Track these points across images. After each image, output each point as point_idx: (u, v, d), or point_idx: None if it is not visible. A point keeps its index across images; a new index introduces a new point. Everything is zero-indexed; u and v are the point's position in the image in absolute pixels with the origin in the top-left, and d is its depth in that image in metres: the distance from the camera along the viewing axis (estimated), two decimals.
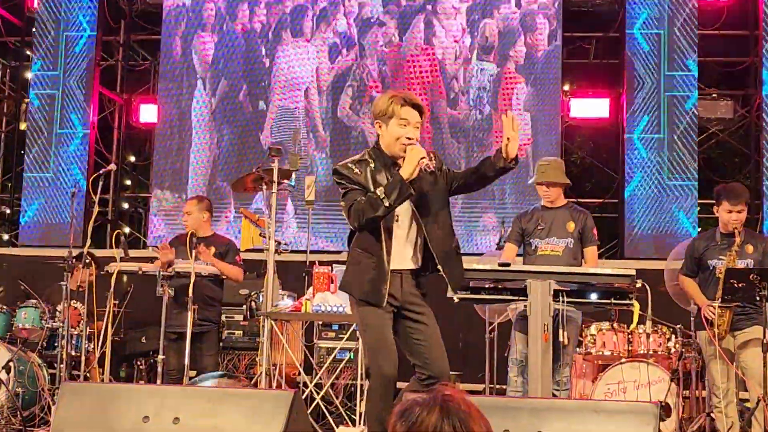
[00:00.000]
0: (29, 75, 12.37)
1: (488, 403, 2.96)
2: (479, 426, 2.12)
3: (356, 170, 4.68)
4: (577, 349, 7.20)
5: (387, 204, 4.51)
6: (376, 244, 4.65)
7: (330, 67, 11.72)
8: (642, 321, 7.26)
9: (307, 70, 11.74)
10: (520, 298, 5.48)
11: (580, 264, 6.44)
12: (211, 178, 11.78)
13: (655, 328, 7.43)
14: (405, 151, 4.63)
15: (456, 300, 4.92)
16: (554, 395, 5.93)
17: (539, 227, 6.50)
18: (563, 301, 5.34)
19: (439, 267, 4.72)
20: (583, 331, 7.30)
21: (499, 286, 5.59)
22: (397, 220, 4.67)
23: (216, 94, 11.96)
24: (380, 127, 4.72)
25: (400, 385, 8.69)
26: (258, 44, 11.95)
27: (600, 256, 7.14)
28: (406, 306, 4.73)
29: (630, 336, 7.38)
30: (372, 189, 4.60)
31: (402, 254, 4.71)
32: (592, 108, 11.75)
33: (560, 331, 5.44)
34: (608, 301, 5.50)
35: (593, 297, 5.51)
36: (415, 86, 11.38)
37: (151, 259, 7.39)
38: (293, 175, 7.16)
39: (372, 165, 4.69)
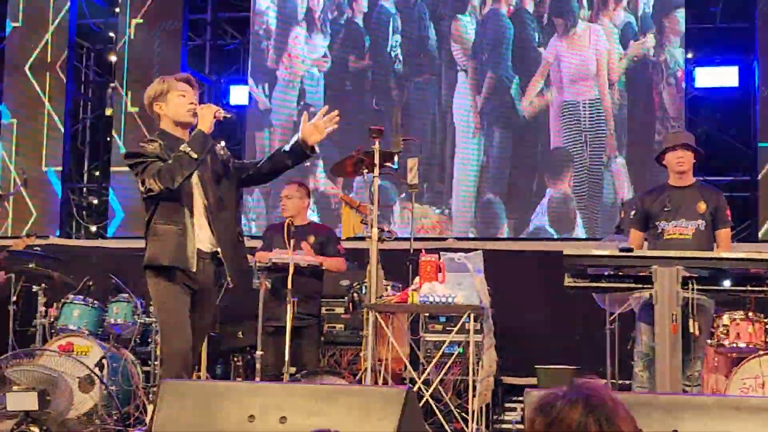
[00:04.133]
0: (114, 58, 12.64)
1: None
2: (626, 424, 2.08)
3: (149, 147, 5.16)
4: (709, 341, 7.08)
5: (194, 156, 5.01)
6: (181, 211, 5.11)
7: (622, 53, 10.68)
8: None
9: (593, 58, 10.59)
10: (645, 286, 5.43)
11: (711, 248, 6.31)
12: (479, 190, 10.83)
13: None
14: (195, 115, 5.18)
15: (232, 285, 5.33)
16: (685, 391, 5.85)
17: (666, 208, 6.37)
18: (693, 289, 5.28)
19: (218, 250, 5.16)
20: (715, 321, 7.18)
21: (621, 273, 5.54)
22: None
23: (481, 89, 10.89)
24: (160, 107, 5.27)
25: (511, 380, 8.68)
26: (529, 29, 10.80)
27: (731, 240, 6.98)
28: (199, 289, 5.15)
29: None
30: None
31: (199, 235, 5.16)
32: (719, 77, 11.55)
33: (690, 321, 5.37)
34: (743, 288, 5.43)
35: (726, 284, 5.43)
36: None
37: (249, 250, 7.50)
38: (395, 158, 7.17)
39: (162, 144, 5.15)
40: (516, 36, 10.79)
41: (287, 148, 5.35)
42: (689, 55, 11.51)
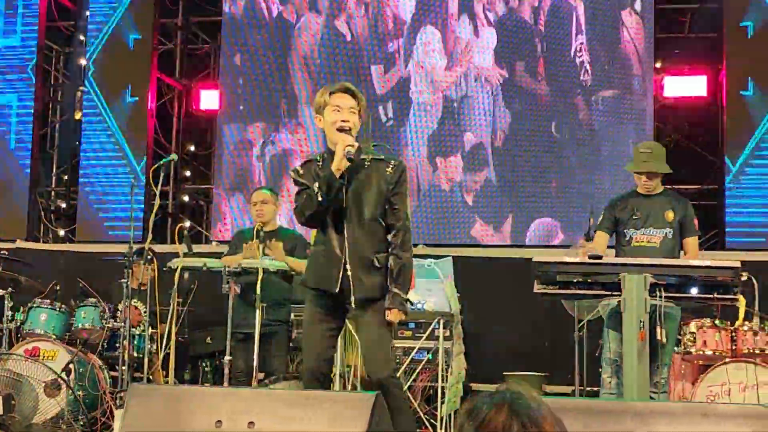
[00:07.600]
0: (83, 62, 12.56)
1: (586, 406, 2.95)
2: (550, 425, 2.13)
3: (301, 171, 5.08)
4: (676, 348, 7.12)
5: (320, 198, 4.85)
6: (324, 233, 5.00)
7: None
8: (748, 317, 7.15)
9: None
10: (613, 293, 5.46)
11: (678, 256, 6.35)
12: None
13: (763, 325, 7.32)
14: (344, 131, 4.90)
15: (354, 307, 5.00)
16: (651, 398, 5.88)
17: (635, 216, 6.39)
18: (661, 296, 5.31)
19: (348, 268, 4.92)
20: (682, 328, 7.22)
21: (590, 280, 5.57)
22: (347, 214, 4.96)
23: None
24: (320, 121, 5.03)
25: (480, 387, 8.69)
26: None
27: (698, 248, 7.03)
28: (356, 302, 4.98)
29: (734, 334, 7.27)
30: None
31: None
32: (687, 86, 11.62)
33: (657, 328, 5.40)
34: (710, 296, 5.46)
35: (694, 291, 5.47)
36: None
37: (215, 255, 7.46)
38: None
39: (320, 164, 5.00)
40: None
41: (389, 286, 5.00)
42: (658, 65, 11.57)
